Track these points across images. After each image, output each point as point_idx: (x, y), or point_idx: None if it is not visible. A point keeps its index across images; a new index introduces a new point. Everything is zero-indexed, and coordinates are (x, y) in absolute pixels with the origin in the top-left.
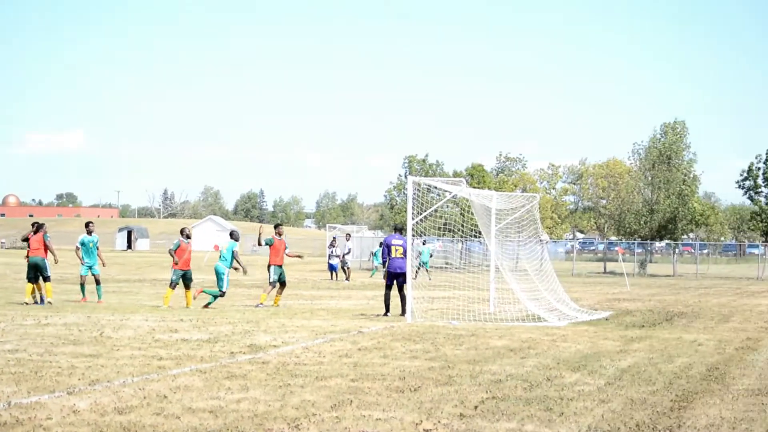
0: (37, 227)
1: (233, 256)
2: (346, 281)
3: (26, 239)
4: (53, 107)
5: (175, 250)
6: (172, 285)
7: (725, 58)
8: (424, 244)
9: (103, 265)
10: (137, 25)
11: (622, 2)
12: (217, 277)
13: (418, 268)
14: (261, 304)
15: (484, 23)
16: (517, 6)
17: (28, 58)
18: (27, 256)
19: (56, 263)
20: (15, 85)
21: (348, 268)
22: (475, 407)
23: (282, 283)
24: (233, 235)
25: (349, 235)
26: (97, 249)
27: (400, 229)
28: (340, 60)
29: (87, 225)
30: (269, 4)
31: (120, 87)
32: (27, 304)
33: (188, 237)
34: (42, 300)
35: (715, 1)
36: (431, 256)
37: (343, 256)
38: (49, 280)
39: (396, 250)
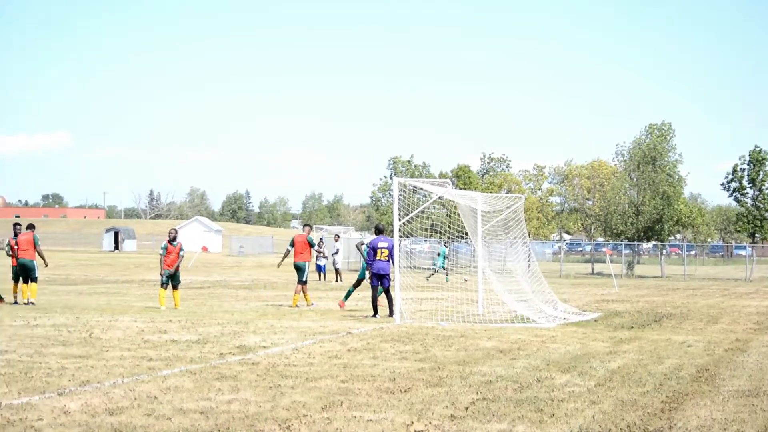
0: (28, 226)
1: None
2: (339, 282)
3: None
4: (40, 108)
5: (164, 255)
6: (163, 285)
7: (712, 59)
8: (445, 246)
9: None
10: (126, 27)
11: (608, 4)
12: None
13: (436, 270)
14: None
15: (470, 25)
16: (503, 7)
17: (14, 57)
18: (16, 257)
19: (46, 266)
20: (1, 85)
21: (338, 269)
22: (466, 408)
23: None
24: (378, 228)
25: (337, 236)
26: None
27: (381, 230)
28: (327, 62)
29: None
30: (256, 9)
31: (107, 88)
32: (14, 303)
33: (173, 240)
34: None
35: (702, 3)
36: (446, 258)
37: (333, 258)
38: (35, 281)
39: (381, 252)
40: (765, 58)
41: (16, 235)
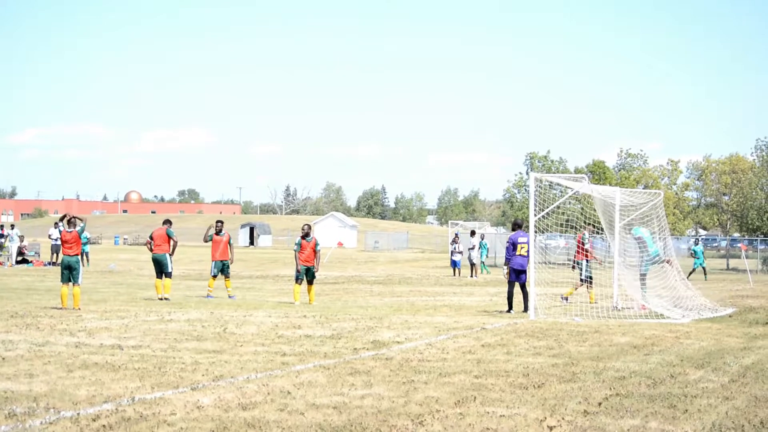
0: (164, 222)
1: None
2: (474, 278)
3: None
4: (175, 104)
5: (299, 251)
6: (298, 281)
7: None
8: (697, 243)
9: None
10: (257, 25)
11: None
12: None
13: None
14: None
15: (607, 18)
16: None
17: (149, 56)
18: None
19: (171, 255)
20: (138, 84)
21: (474, 265)
22: (599, 404)
23: None
24: (517, 223)
25: (473, 231)
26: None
27: (520, 225)
28: (463, 60)
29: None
30: (411, 7)
31: (241, 84)
32: (160, 299)
33: (306, 235)
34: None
35: None
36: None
37: (470, 253)
38: (170, 276)
39: (521, 247)
40: None
41: (60, 231)
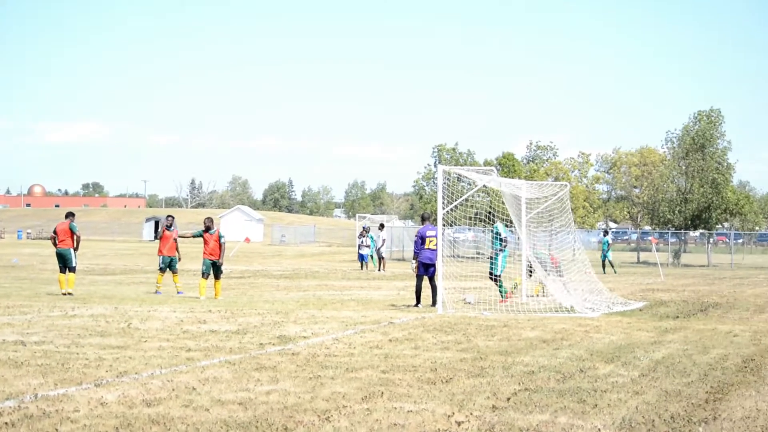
0: (67, 215)
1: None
2: (382, 272)
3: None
4: (79, 97)
5: (199, 236)
6: (204, 275)
7: (760, 46)
8: (605, 235)
9: None
10: (164, 17)
11: None
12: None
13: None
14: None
15: (512, 11)
16: None
17: (57, 46)
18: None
19: (76, 249)
20: (39, 75)
21: (383, 258)
22: (508, 399)
23: None
24: (424, 217)
25: (382, 225)
26: None
27: (427, 219)
28: (368, 51)
29: None
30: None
31: (146, 76)
32: (64, 294)
33: (208, 229)
34: None
35: None
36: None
37: (379, 248)
38: (74, 271)
39: (430, 241)
40: None
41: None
